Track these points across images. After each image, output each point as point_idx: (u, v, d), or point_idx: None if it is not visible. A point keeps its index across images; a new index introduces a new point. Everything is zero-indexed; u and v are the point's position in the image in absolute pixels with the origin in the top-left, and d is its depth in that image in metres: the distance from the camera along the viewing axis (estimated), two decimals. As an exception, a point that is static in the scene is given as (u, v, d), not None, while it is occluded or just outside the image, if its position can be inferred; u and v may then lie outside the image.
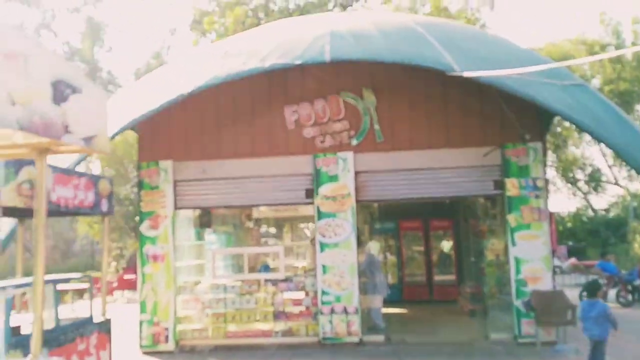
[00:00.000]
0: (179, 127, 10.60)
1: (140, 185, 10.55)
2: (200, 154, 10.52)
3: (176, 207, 10.52)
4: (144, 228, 10.40)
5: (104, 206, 7.79)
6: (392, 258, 15.89)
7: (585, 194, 37.11)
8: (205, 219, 12.45)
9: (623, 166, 35.24)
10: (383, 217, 15.47)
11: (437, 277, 15.53)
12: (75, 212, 7.20)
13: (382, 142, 10.26)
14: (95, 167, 31.57)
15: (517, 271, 9.85)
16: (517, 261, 9.86)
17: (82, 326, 7.28)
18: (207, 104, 10.55)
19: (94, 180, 7.57)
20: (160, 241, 10.34)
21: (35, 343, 3.91)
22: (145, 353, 10.17)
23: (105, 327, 7.78)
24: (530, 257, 9.84)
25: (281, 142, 10.41)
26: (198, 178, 10.51)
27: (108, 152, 4.23)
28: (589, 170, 35.40)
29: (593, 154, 35.03)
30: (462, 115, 10.24)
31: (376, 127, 10.25)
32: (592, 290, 7.74)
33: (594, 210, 34.96)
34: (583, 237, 31.06)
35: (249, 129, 10.49)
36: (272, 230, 18.28)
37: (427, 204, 15.03)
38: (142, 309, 10.28)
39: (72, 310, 17.06)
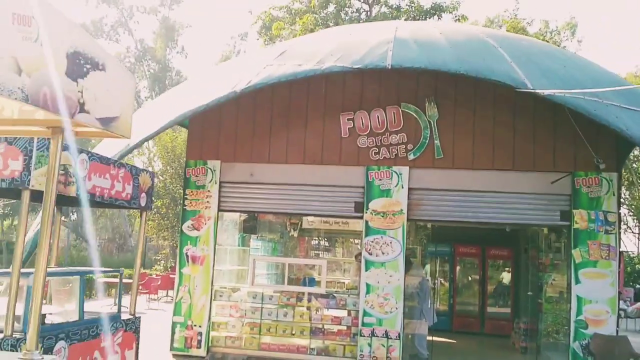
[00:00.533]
0: (230, 128, 10.29)
1: (186, 183, 10.29)
2: (249, 157, 10.17)
3: (220, 209, 10.19)
4: (186, 227, 10.12)
5: (143, 200, 7.50)
6: (444, 284, 15.08)
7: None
8: (250, 224, 12.13)
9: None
10: (438, 240, 14.71)
11: (491, 309, 14.60)
12: (110, 203, 6.92)
13: (441, 158, 9.61)
14: (155, 164, 32.08)
15: (578, 311, 8.98)
16: (579, 300, 8.98)
17: (108, 322, 6.98)
18: (260, 106, 10.22)
19: (134, 172, 7.30)
20: (202, 242, 10.03)
21: (31, 337, 3.54)
22: (176, 356, 9.85)
23: (133, 326, 7.45)
24: (594, 297, 8.95)
25: (334, 150, 9.93)
26: (245, 181, 10.15)
27: (129, 137, 3.85)
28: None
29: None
30: (531, 137, 9.48)
31: (436, 142, 9.62)
32: None
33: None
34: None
35: (301, 135, 10.06)
36: (323, 242, 17.82)
37: (486, 230, 14.19)
38: (177, 311, 9.98)
39: (114, 305, 17.10)
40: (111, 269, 8.55)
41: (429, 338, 10.53)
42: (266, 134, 10.17)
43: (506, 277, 14.83)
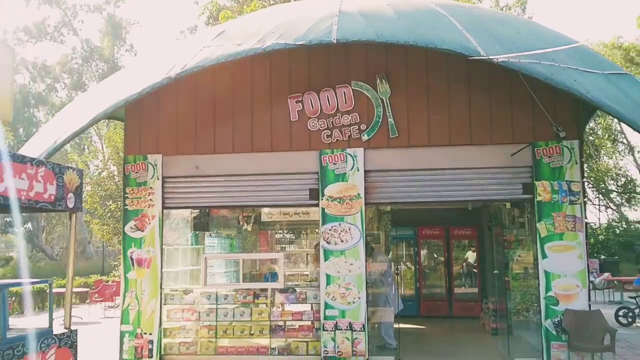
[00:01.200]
0: (170, 118, 9.58)
1: (126, 181, 9.54)
2: (193, 148, 9.48)
3: (165, 206, 9.49)
4: (129, 229, 9.38)
5: (71, 201, 6.77)
6: (410, 268, 14.65)
7: (617, 205, 35.41)
8: (202, 221, 11.42)
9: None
10: (401, 224, 14.24)
11: (458, 291, 14.26)
12: (30, 206, 6.17)
13: (396, 137, 9.09)
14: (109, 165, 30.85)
15: (548, 287, 8.59)
16: (548, 276, 8.60)
17: (37, 339, 6.25)
18: (202, 93, 9.53)
19: (57, 170, 6.55)
20: (147, 244, 9.31)
21: None
22: (127, 368, 9.15)
23: (68, 340, 6.73)
24: (562, 272, 8.58)
25: (283, 136, 9.32)
26: (190, 175, 9.46)
27: (9, 119, 3.18)
28: (622, 181, 33.80)
29: (627, 164, 33.28)
30: (487, 109, 9.03)
31: (390, 120, 9.10)
32: None
33: (627, 222, 33.20)
34: (616, 251, 29.33)
35: (247, 122, 9.41)
36: (286, 235, 17.17)
37: (449, 211, 13.89)
38: (124, 319, 9.25)
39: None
40: (39, 280, 7.76)
41: (396, 326, 10.07)
42: (210, 123, 9.49)
43: (471, 257, 14.50)
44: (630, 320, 13.10)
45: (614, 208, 35.57)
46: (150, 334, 9.17)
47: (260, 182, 9.38)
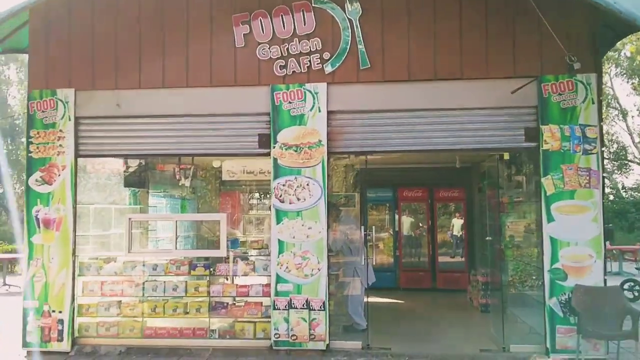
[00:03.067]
0: (85, 44, 7.61)
1: (30, 122, 7.60)
2: (113, 82, 7.53)
3: (79, 154, 7.58)
4: (33, 182, 7.48)
5: None
6: (389, 235, 12.91)
7: (609, 173, 33.97)
8: (139, 177, 9.56)
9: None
10: (377, 184, 12.47)
11: (442, 260, 12.56)
12: None
13: (367, 69, 7.23)
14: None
15: (554, 258, 6.86)
16: (554, 243, 6.87)
17: None
18: (123, 11, 7.58)
19: None
20: (55, 201, 7.44)
21: None
22: (31, 354, 7.37)
23: None
24: (572, 238, 6.84)
25: (226, 67, 7.41)
26: (110, 115, 7.55)
27: None
28: (614, 147, 32.26)
29: (618, 130, 31.69)
30: (483, 33, 7.16)
31: (360, 47, 7.22)
32: None
33: (621, 190, 31.81)
34: (609, 219, 27.87)
35: (181, 49, 7.48)
36: (255, 196, 15.36)
37: (433, 170, 12.14)
38: (29, 294, 7.44)
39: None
40: None
41: (371, 300, 8.36)
42: (134, 50, 7.54)
43: (458, 222, 12.79)
44: (637, 294, 11.51)
45: (606, 175, 34.13)
46: (61, 311, 7.38)
47: (197, 125, 7.50)
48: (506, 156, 7.80)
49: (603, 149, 7.01)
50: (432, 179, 12.51)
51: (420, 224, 13.05)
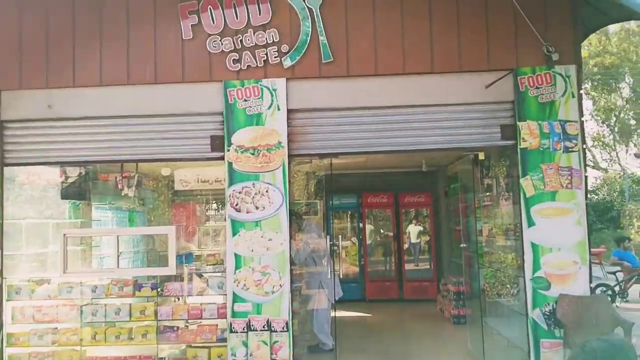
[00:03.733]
0: (10, 35, 6.73)
1: (-54, 126, 6.67)
2: (43, 80, 6.65)
3: (4, 163, 6.69)
4: (-49, 194, 6.56)
5: None
6: (352, 245, 12.28)
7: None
8: (76, 187, 8.64)
9: (606, 148, 32.61)
10: (340, 191, 11.84)
11: (409, 268, 11.99)
12: None
13: (330, 63, 6.56)
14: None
15: (535, 265, 6.31)
16: (535, 250, 6.32)
17: None
18: (54, 2, 6.73)
19: None
20: (-23, 216, 6.52)
21: None
22: (-50, 393, 6.42)
23: None
24: (555, 244, 6.30)
25: (172, 62, 6.64)
26: (41, 117, 6.67)
27: None
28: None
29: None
30: (454, 24, 6.59)
31: (322, 39, 6.56)
32: None
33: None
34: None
35: (121, 42, 6.67)
36: (211, 207, 14.48)
37: (398, 175, 11.62)
38: (-53, 323, 6.49)
39: None
40: None
41: (338, 314, 7.68)
42: (68, 43, 6.68)
43: (415, 229, 12.27)
44: (611, 299, 11.16)
45: (587, 175, 34.34)
46: (-15, 343, 6.44)
47: (141, 127, 6.68)
48: (481, 156, 7.26)
49: (584, 146, 6.50)
50: (397, 183, 11.98)
51: (386, 231, 12.47)
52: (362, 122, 6.66)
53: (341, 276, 8.56)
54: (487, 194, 8.37)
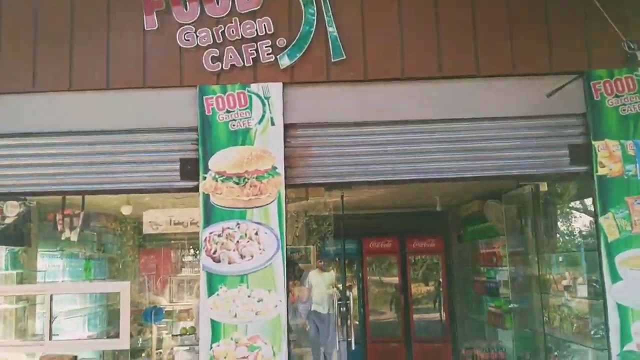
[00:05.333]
0: None
1: None
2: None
3: None
4: None
5: None
6: (353, 298, 10.48)
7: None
8: (14, 230, 6.83)
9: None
10: (336, 234, 10.10)
11: (419, 326, 10.18)
12: None
13: (342, 62, 4.96)
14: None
15: (624, 335, 4.64)
16: (624, 313, 4.64)
17: None
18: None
19: None
20: None
21: None
22: None
23: None
24: (649, 305, 4.66)
25: (132, 61, 5.00)
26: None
27: None
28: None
29: None
30: (505, 15, 5.08)
31: (331, 30, 4.97)
32: None
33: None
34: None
35: (63, 35, 5.03)
36: (184, 253, 12.75)
37: (404, 216, 10.09)
38: None
39: None
40: None
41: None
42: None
43: (436, 279, 10.54)
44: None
45: None
46: None
47: (87, 147, 4.97)
48: (543, 187, 5.62)
49: (681, 173, 4.92)
50: (404, 224, 10.36)
51: (390, 283, 10.72)
52: (384, 142, 5.01)
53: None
54: (517, 237, 6.76)
